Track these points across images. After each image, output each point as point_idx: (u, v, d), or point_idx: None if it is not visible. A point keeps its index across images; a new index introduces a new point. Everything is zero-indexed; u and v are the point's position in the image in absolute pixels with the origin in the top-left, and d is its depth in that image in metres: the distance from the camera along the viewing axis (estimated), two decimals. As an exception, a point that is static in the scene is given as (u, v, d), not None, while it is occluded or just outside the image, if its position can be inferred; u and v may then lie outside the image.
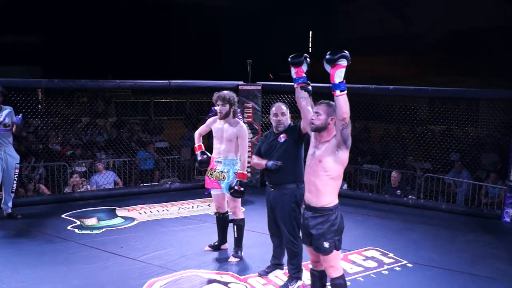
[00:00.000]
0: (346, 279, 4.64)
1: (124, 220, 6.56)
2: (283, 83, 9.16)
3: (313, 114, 3.62)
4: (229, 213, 5.38)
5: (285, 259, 4.70)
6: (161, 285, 4.47)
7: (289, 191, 4.37)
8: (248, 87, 8.58)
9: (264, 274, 4.74)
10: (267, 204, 4.61)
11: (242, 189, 4.90)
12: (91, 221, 6.44)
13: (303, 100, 4.02)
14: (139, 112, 14.45)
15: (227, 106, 5.00)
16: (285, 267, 4.70)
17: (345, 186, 8.55)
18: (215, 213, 5.44)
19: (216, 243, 5.44)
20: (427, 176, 8.17)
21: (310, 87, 4.08)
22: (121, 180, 8.66)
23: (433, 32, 20.69)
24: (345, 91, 3.30)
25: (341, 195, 3.70)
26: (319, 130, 3.58)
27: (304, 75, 4.02)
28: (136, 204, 7.31)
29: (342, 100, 3.31)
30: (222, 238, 5.45)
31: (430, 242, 5.92)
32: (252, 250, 5.35)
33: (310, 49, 28.50)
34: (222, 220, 5.40)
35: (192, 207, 7.25)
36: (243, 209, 5.82)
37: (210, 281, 4.60)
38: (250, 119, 8.52)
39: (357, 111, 8.38)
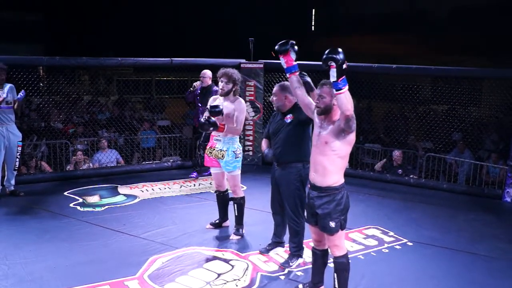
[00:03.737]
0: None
1: (126, 197, 6.60)
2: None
3: (317, 98, 3.56)
4: (229, 191, 5.38)
5: (286, 237, 4.73)
6: (163, 262, 4.51)
7: (295, 170, 4.37)
8: (250, 65, 8.53)
9: (265, 251, 4.77)
10: (272, 182, 4.63)
11: (206, 122, 4.73)
12: (93, 199, 6.48)
13: (298, 89, 3.85)
14: (141, 90, 14.42)
15: (230, 85, 4.97)
16: (286, 245, 4.74)
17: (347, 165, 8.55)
18: (215, 192, 5.44)
19: (217, 221, 5.46)
20: (429, 156, 8.17)
21: (307, 78, 4.01)
22: (123, 158, 8.67)
23: (438, 10, 20.47)
24: (343, 90, 3.23)
25: (348, 175, 3.72)
26: (325, 112, 3.55)
27: (294, 63, 3.81)
28: (138, 182, 7.34)
29: (341, 99, 3.27)
30: (223, 215, 5.47)
31: (431, 221, 5.95)
32: (253, 227, 5.38)
33: (313, 27, 28.27)
34: (222, 198, 5.41)
35: (194, 185, 7.27)
36: (244, 187, 5.85)
37: (212, 258, 4.64)
38: (252, 98, 8.49)
39: (360, 90, 8.34)
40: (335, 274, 3.70)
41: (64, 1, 22.56)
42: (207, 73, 7.38)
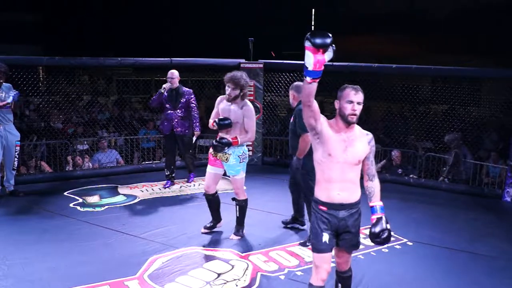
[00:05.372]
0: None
1: (126, 197, 6.60)
2: (284, 61, 9.12)
3: (352, 105, 3.06)
4: (218, 193, 5.25)
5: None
6: (163, 261, 4.51)
7: (296, 159, 5.04)
8: (250, 65, 8.53)
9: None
10: (291, 167, 5.28)
11: (224, 146, 4.81)
12: (93, 199, 6.48)
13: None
14: (141, 90, 14.41)
15: (238, 91, 4.84)
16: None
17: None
18: (204, 194, 5.26)
19: (211, 224, 5.33)
20: (429, 156, 8.17)
21: None
22: (123, 158, 8.67)
23: (438, 10, 20.46)
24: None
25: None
26: (355, 122, 3.14)
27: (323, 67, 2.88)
28: (138, 182, 7.34)
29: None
30: (216, 217, 5.33)
31: (431, 221, 5.95)
32: (253, 228, 5.38)
33: (313, 27, 28.25)
34: (212, 202, 5.24)
35: (194, 185, 7.27)
36: (244, 187, 5.82)
37: (212, 258, 4.64)
38: (251, 98, 8.49)
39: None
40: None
41: (63, 1, 22.54)
42: (175, 73, 6.93)
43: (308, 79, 2.87)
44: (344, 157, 3.11)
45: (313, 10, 27.77)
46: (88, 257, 4.60)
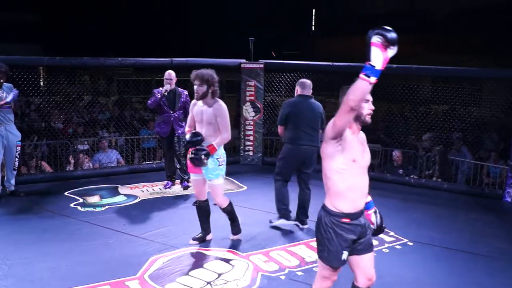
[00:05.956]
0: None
1: (126, 197, 6.60)
2: (285, 61, 9.12)
3: (369, 104, 3.00)
4: (208, 203, 5.02)
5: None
6: (163, 262, 4.51)
7: None
8: (250, 66, 8.54)
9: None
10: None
11: (203, 157, 4.55)
12: (94, 199, 6.48)
13: None
14: (141, 90, 14.40)
15: (205, 87, 4.63)
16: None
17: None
18: (194, 202, 5.02)
19: (200, 235, 5.02)
20: (429, 156, 8.16)
21: None
22: (124, 158, 8.67)
23: (438, 10, 20.46)
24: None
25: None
26: None
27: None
28: (138, 182, 7.33)
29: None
30: (206, 228, 5.05)
31: (431, 221, 5.95)
32: (253, 228, 5.38)
33: (313, 27, 28.26)
34: (202, 209, 4.99)
35: (194, 185, 7.26)
36: (244, 187, 5.83)
37: (212, 258, 4.64)
38: (252, 98, 8.50)
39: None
40: None
41: (63, 1, 22.54)
42: (173, 74, 6.84)
43: (372, 79, 2.61)
44: (364, 161, 2.99)
45: (314, 10, 27.77)
46: (89, 257, 4.60)
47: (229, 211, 4.97)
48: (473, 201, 6.94)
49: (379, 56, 2.56)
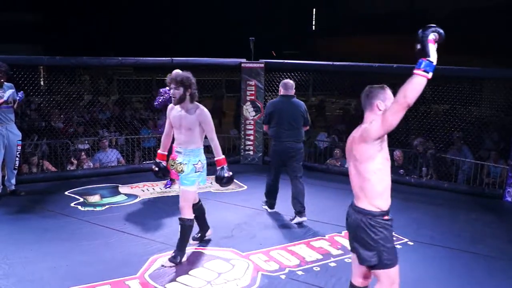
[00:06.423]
0: (347, 256, 4.70)
1: (127, 197, 6.60)
2: (285, 61, 9.12)
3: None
4: (201, 202, 4.91)
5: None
6: (164, 261, 4.51)
7: None
8: (251, 65, 8.54)
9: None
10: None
11: (230, 173, 4.51)
12: (94, 198, 6.48)
13: None
14: (141, 90, 14.41)
15: (181, 90, 4.34)
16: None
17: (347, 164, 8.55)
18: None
19: (199, 234, 5.00)
20: (430, 155, 8.15)
21: None
22: (124, 158, 8.67)
23: (438, 10, 20.46)
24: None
25: (344, 174, 3.70)
26: None
27: None
28: (138, 181, 7.33)
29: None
30: (203, 226, 4.99)
31: (432, 221, 5.95)
32: (253, 227, 5.39)
33: (313, 27, 28.27)
34: (197, 211, 4.77)
35: (195, 185, 7.26)
36: (245, 187, 5.82)
37: (212, 258, 4.64)
38: (253, 97, 8.50)
39: (360, 90, 8.32)
40: None
41: (63, 1, 22.55)
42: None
43: (430, 74, 2.71)
44: (388, 159, 3.03)
45: (314, 10, 27.80)
46: (89, 257, 4.60)
47: (185, 227, 4.49)
48: (473, 201, 6.94)
49: (435, 51, 2.69)
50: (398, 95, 2.76)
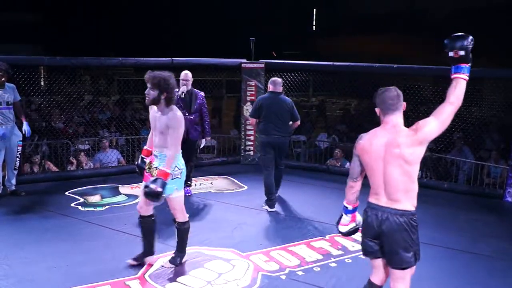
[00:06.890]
0: (348, 256, 4.70)
1: (127, 197, 6.60)
2: (286, 61, 9.12)
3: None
4: (154, 217, 4.54)
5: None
6: (164, 261, 4.51)
7: None
8: (251, 65, 8.54)
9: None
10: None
11: (159, 189, 3.95)
12: (95, 199, 6.48)
13: None
14: (142, 90, 14.42)
15: (156, 92, 4.02)
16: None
17: (348, 164, 8.55)
18: (139, 217, 4.51)
19: (139, 255, 4.48)
20: (431, 155, 8.15)
21: None
22: (124, 158, 8.67)
23: (438, 10, 20.47)
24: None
25: (344, 174, 3.70)
26: None
27: None
28: (139, 182, 7.30)
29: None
30: (147, 246, 4.48)
31: (432, 221, 5.94)
32: (253, 227, 5.38)
33: (313, 27, 28.27)
34: (145, 224, 4.46)
35: (195, 185, 7.26)
36: (245, 187, 5.79)
37: (213, 258, 4.64)
38: (253, 97, 8.49)
39: (360, 90, 8.33)
40: None
41: (63, 1, 22.55)
42: (190, 75, 6.46)
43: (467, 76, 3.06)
44: None
45: (314, 10, 27.80)
46: (89, 257, 4.60)
47: (182, 230, 4.40)
48: (473, 201, 6.94)
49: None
50: (452, 99, 3.03)
